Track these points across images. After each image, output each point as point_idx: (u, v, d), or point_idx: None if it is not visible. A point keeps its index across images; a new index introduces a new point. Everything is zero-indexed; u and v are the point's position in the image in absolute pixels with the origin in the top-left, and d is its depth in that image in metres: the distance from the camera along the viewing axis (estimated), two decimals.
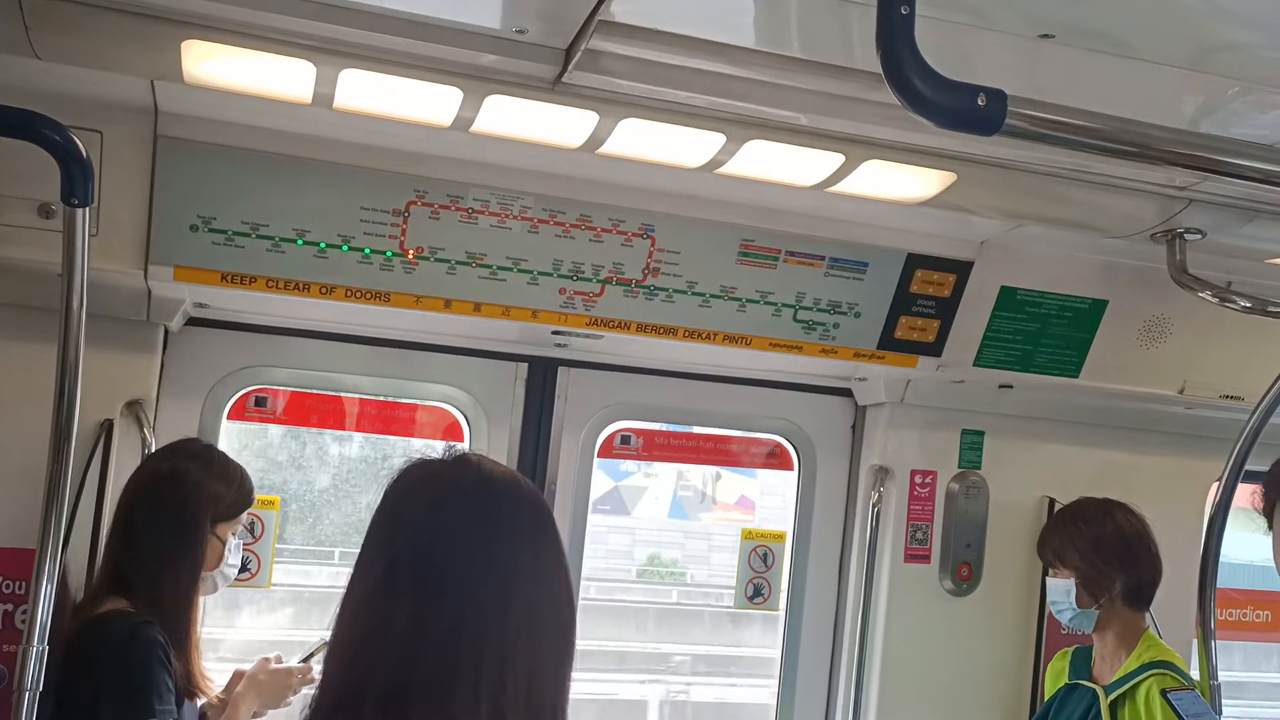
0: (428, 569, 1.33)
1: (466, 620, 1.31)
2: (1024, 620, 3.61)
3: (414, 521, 1.39)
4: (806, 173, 2.56)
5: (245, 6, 1.98)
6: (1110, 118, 1.77)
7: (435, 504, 1.40)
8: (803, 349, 3.16)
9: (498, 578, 1.35)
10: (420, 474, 1.44)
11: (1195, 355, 3.40)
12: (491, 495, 1.41)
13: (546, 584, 1.39)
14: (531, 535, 1.41)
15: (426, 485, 1.43)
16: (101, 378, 2.68)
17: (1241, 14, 1.84)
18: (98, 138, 2.46)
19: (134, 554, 2.53)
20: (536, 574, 1.39)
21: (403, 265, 2.79)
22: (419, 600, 1.31)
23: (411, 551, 1.36)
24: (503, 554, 1.36)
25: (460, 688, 1.29)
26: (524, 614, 1.34)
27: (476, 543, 1.36)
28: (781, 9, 1.92)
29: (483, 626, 1.31)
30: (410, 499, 1.42)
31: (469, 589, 1.33)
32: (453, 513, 1.39)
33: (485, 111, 2.30)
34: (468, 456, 1.47)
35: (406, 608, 1.31)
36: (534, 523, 1.42)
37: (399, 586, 1.33)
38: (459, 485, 1.42)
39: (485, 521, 1.38)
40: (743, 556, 3.67)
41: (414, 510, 1.40)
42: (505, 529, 1.39)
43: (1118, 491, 3.21)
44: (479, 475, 1.43)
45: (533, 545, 1.40)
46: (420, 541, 1.36)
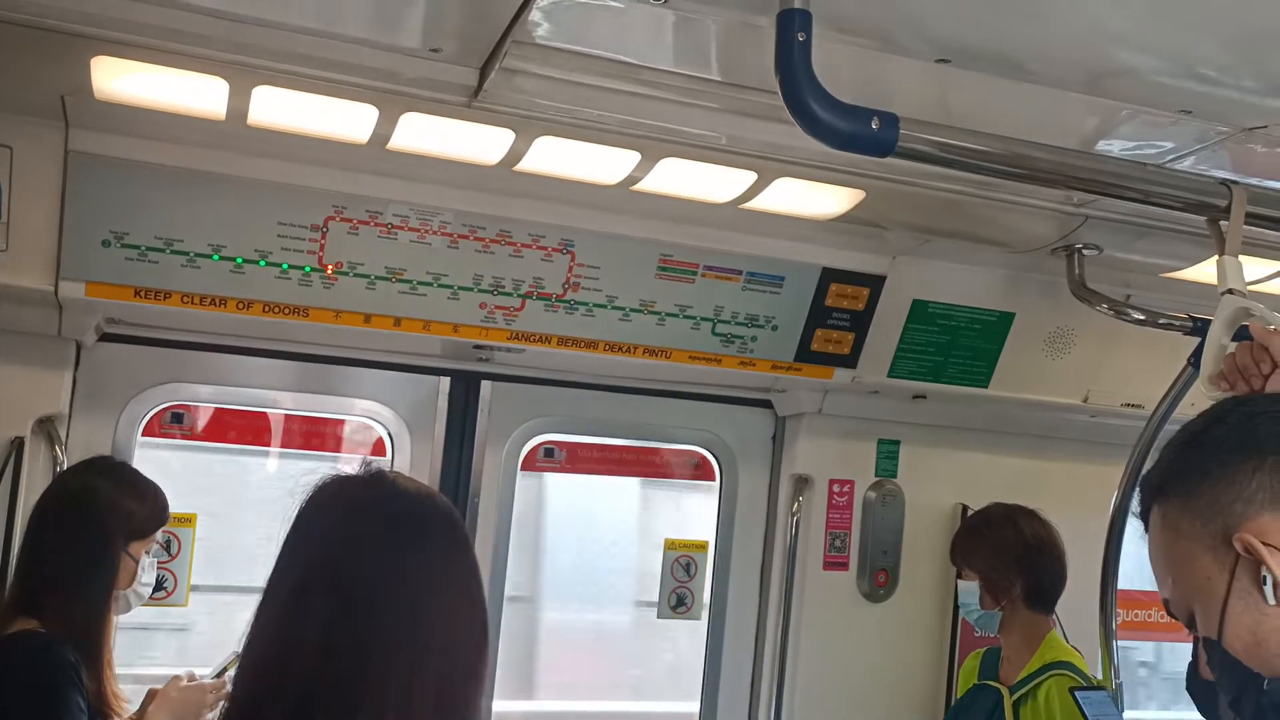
0: (337, 582, 1.36)
1: (375, 632, 1.33)
2: (939, 623, 3.70)
3: (325, 536, 1.41)
4: (721, 189, 2.62)
5: (156, 23, 1.97)
6: (1000, 139, 1.86)
7: (347, 519, 1.42)
8: (722, 361, 3.22)
9: (407, 591, 1.37)
10: (333, 490, 1.46)
11: (1098, 365, 3.52)
12: (403, 510, 1.44)
13: (458, 597, 1.41)
14: (443, 550, 1.43)
15: (339, 501, 1.45)
16: (12, 394, 2.64)
17: (1131, 40, 1.93)
18: (7, 153, 2.42)
19: (44, 573, 2.49)
20: (447, 587, 1.41)
21: (321, 280, 2.78)
22: (329, 613, 1.33)
23: (322, 565, 1.38)
24: (413, 567, 1.38)
25: (367, 699, 1.31)
26: (434, 627, 1.37)
27: (387, 557, 1.38)
28: (692, 31, 1.96)
29: (392, 638, 1.34)
30: (322, 514, 1.44)
31: (378, 602, 1.35)
32: (364, 527, 1.41)
33: (401, 129, 2.32)
34: (383, 473, 1.49)
35: (316, 620, 1.33)
36: (446, 538, 1.45)
37: (309, 599, 1.35)
38: (371, 501, 1.44)
39: (396, 536, 1.40)
40: (665, 566, 3.71)
41: (325, 525, 1.42)
42: (416, 543, 1.41)
43: (1027, 497, 3.31)
44: (392, 491, 1.46)
45: (444, 560, 1.42)
46: (331, 555, 1.39)
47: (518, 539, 3.57)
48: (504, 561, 3.49)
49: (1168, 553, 1.35)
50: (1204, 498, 1.30)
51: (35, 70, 2.20)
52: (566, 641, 4.23)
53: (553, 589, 4.23)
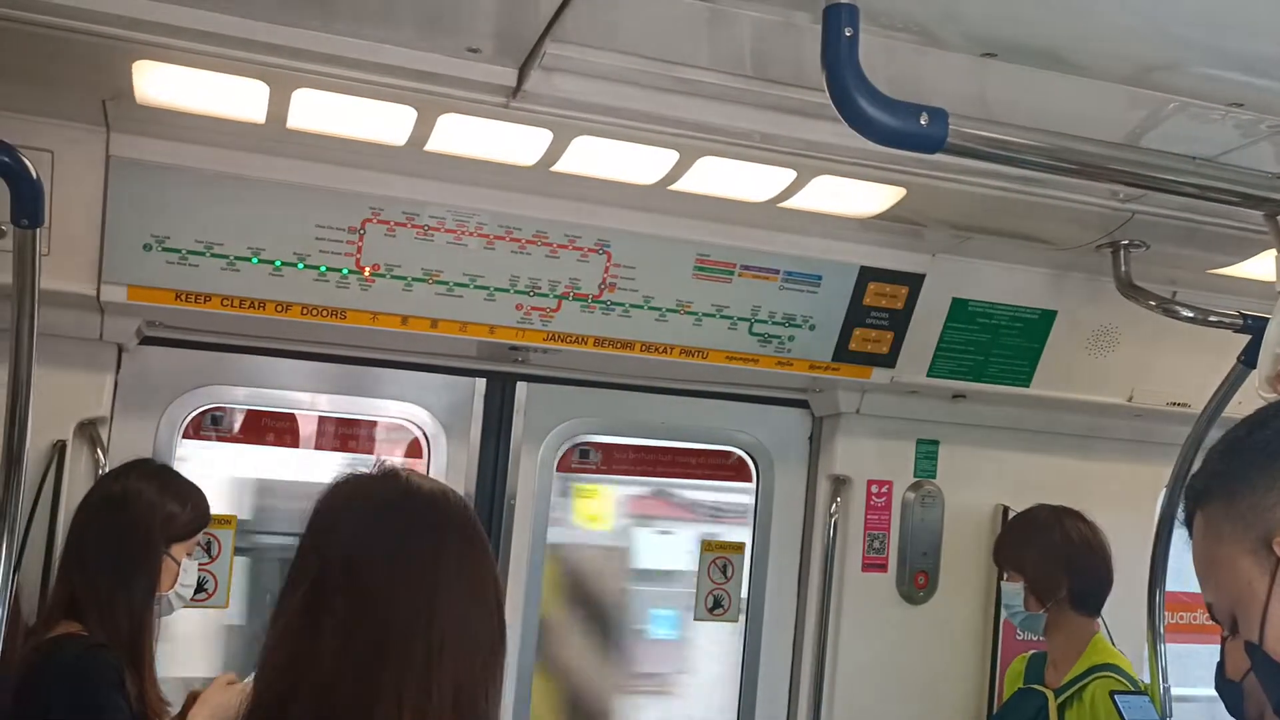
0: (353, 582, 1.38)
1: (391, 631, 1.35)
2: (980, 626, 3.66)
3: (340, 536, 1.43)
4: (759, 188, 2.60)
5: (197, 27, 1.97)
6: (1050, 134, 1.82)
7: (361, 518, 1.44)
8: (759, 361, 3.19)
9: (423, 588, 1.38)
10: (348, 490, 1.48)
11: (1143, 363, 3.47)
12: (417, 508, 1.45)
13: (474, 595, 1.43)
14: (458, 547, 1.44)
15: (354, 501, 1.47)
16: (54, 398, 2.65)
17: (1178, 31, 1.89)
18: (49, 157, 2.44)
19: (87, 577, 2.50)
20: (463, 585, 1.42)
21: (359, 282, 2.79)
22: (345, 611, 1.36)
23: (338, 566, 1.39)
24: (427, 565, 1.40)
25: (384, 697, 1.33)
26: (450, 624, 1.38)
27: (401, 555, 1.40)
28: (732, 28, 1.95)
29: (408, 637, 1.35)
30: (337, 514, 1.46)
31: (394, 601, 1.37)
32: (378, 526, 1.43)
33: (439, 130, 2.31)
34: (396, 471, 1.50)
35: (333, 620, 1.36)
36: (461, 535, 1.46)
37: (326, 600, 1.37)
38: (385, 499, 1.46)
39: (410, 534, 1.42)
40: (702, 567, 3.69)
41: (341, 525, 1.44)
42: (430, 541, 1.42)
43: (1070, 498, 3.26)
44: (405, 489, 1.47)
45: (459, 557, 1.43)
46: (346, 555, 1.40)
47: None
48: (540, 563, 3.49)
49: (1210, 557, 1.38)
50: (1245, 502, 1.31)
51: (77, 76, 2.21)
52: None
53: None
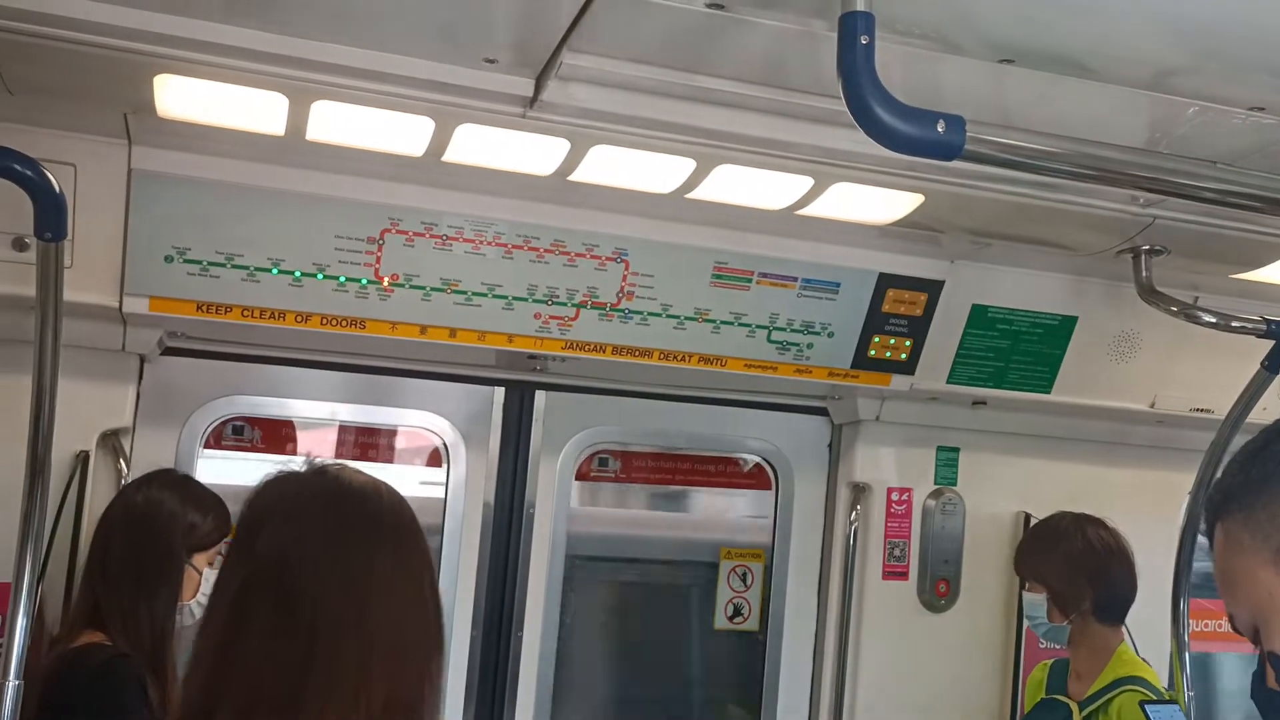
0: (281, 583, 1.34)
1: (321, 634, 1.31)
2: (1002, 635, 3.63)
3: (269, 536, 1.38)
4: (777, 196, 2.59)
5: (218, 40, 1.99)
6: (1069, 140, 1.81)
7: (290, 517, 1.39)
8: (777, 369, 3.19)
9: (354, 589, 1.34)
10: (278, 488, 1.44)
11: (1165, 369, 3.44)
12: (349, 506, 1.41)
13: (409, 596, 1.38)
14: (392, 546, 1.39)
15: (283, 499, 1.42)
16: (77, 409, 2.68)
17: (1198, 35, 1.88)
18: (71, 171, 2.46)
19: (110, 586, 2.52)
20: (398, 586, 1.37)
21: (378, 292, 2.80)
22: (274, 614, 1.32)
23: (267, 566, 1.35)
24: (358, 565, 1.35)
25: (311, 699, 1.29)
26: (383, 627, 1.34)
27: (330, 554, 1.36)
28: (748, 37, 1.94)
29: (338, 640, 1.31)
30: (266, 513, 1.41)
31: (324, 602, 1.33)
32: (307, 525, 1.38)
33: (457, 141, 2.32)
34: (326, 468, 1.46)
35: (261, 622, 1.32)
36: (395, 534, 1.41)
37: (255, 602, 1.34)
38: (314, 497, 1.41)
39: (340, 533, 1.38)
40: (722, 575, 3.68)
41: (269, 524, 1.39)
42: (360, 540, 1.38)
43: (1092, 505, 3.24)
44: (337, 486, 1.42)
45: (393, 557, 1.39)
46: (275, 555, 1.36)
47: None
48: (559, 572, 3.49)
49: (1231, 568, 1.38)
50: (1265, 511, 1.30)
51: (99, 89, 2.23)
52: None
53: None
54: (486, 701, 3.42)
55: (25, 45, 1.98)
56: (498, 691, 3.42)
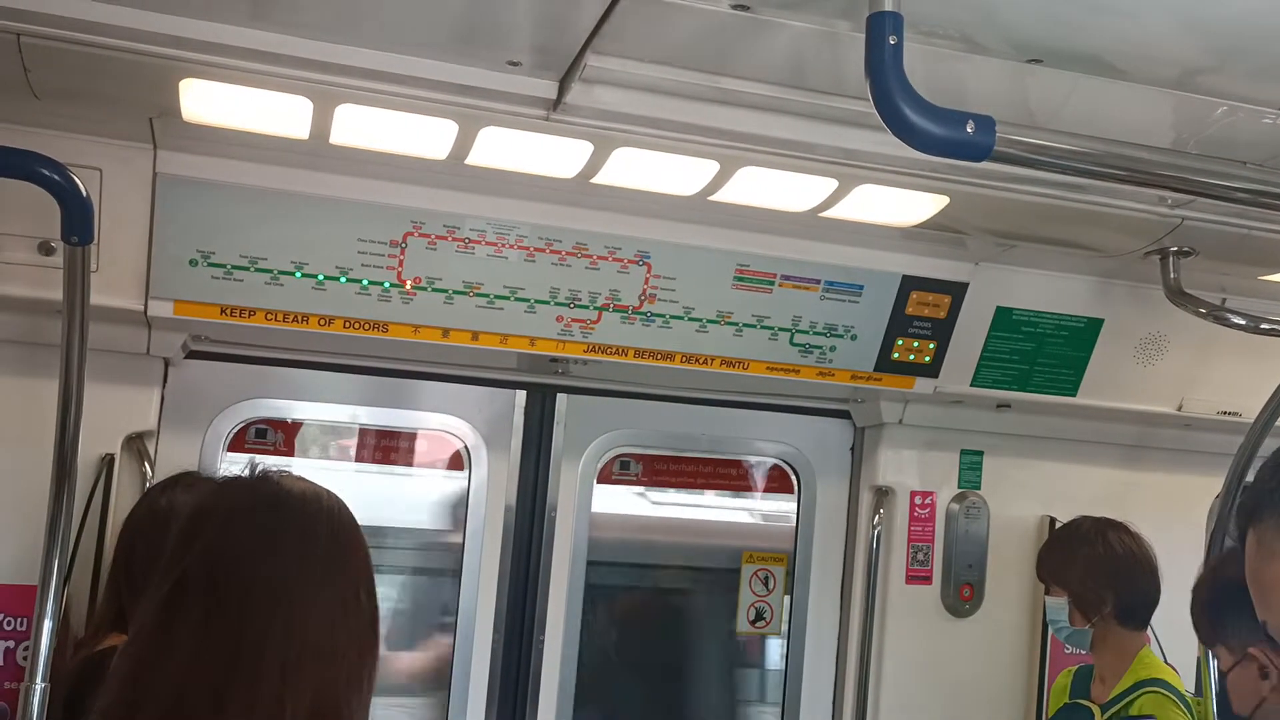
0: (212, 586, 1.35)
1: (246, 634, 1.32)
2: (1027, 640, 3.60)
3: (203, 540, 1.39)
4: (800, 198, 2.58)
5: (243, 44, 2.00)
6: (1098, 141, 1.80)
7: (226, 522, 1.41)
8: (800, 372, 3.17)
9: (283, 594, 1.35)
10: (219, 493, 1.47)
11: (1192, 372, 3.41)
12: (284, 512, 1.42)
13: (340, 602, 1.39)
14: (324, 553, 1.41)
15: (222, 504, 1.44)
16: (102, 412, 2.68)
17: (1226, 34, 1.86)
18: (97, 175, 2.47)
19: (134, 589, 2.52)
20: (328, 592, 1.39)
21: (400, 296, 2.80)
22: (200, 618, 1.33)
23: (199, 569, 1.36)
24: (289, 573, 1.37)
25: (235, 701, 1.30)
26: (310, 632, 1.35)
27: (261, 561, 1.37)
28: (772, 38, 1.94)
29: (263, 641, 1.32)
30: (205, 517, 1.42)
31: (250, 607, 1.34)
32: (241, 530, 1.40)
33: (480, 144, 2.32)
34: (268, 474, 1.47)
35: (187, 626, 1.33)
36: (329, 540, 1.42)
37: (184, 603, 1.35)
38: (252, 503, 1.43)
39: (273, 540, 1.39)
40: (744, 580, 3.67)
41: (206, 528, 1.40)
42: (293, 547, 1.39)
43: (1117, 509, 3.21)
44: (274, 492, 1.44)
45: (325, 563, 1.40)
46: (208, 559, 1.37)
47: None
48: (581, 575, 3.48)
49: (1263, 575, 1.37)
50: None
51: (125, 94, 2.24)
52: None
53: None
54: (508, 705, 3.41)
55: (51, 50, 2.00)
56: (519, 695, 3.42)
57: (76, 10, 1.90)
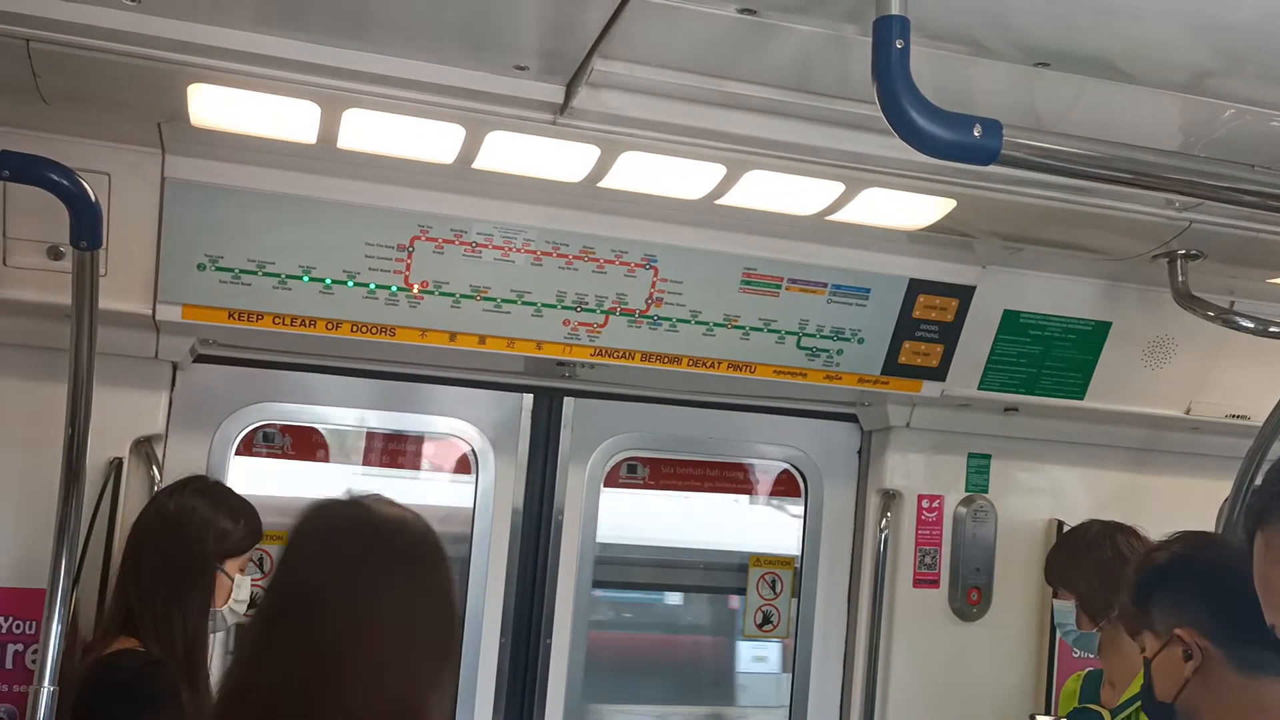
0: (305, 605, 1.53)
1: (333, 652, 1.49)
2: (1036, 644, 3.59)
3: (300, 559, 1.59)
4: (807, 202, 2.58)
5: (251, 49, 2.00)
6: (1106, 144, 1.80)
7: (320, 544, 1.60)
8: (807, 375, 3.17)
9: (366, 613, 1.52)
10: (314, 515, 1.64)
11: (1201, 375, 3.40)
12: (372, 536, 1.59)
13: (422, 618, 1.56)
14: (407, 573, 1.57)
15: (318, 527, 1.63)
16: (111, 416, 2.70)
17: (1235, 37, 1.86)
18: (106, 180, 2.48)
19: (143, 593, 2.53)
20: (410, 609, 1.55)
21: (408, 300, 2.81)
22: (294, 631, 1.51)
23: (297, 585, 1.56)
24: (374, 590, 1.54)
25: (318, 701, 1.47)
26: (391, 647, 1.52)
27: (348, 582, 1.54)
28: (779, 42, 1.94)
29: (348, 658, 1.49)
30: (304, 538, 1.62)
31: (339, 623, 1.51)
32: (333, 552, 1.58)
33: (487, 148, 2.32)
34: (361, 499, 1.65)
35: (284, 638, 1.52)
36: (412, 561, 1.59)
37: (282, 618, 1.54)
38: (343, 527, 1.61)
39: (361, 561, 1.55)
40: (751, 583, 3.66)
41: (304, 550, 1.60)
42: (380, 567, 1.55)
43: (1126, 513, 3.19)
44: (364, 516, 1.61)
45: (407, 582, 1.57)
46: (305, 576, 1.56)
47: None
48: (588, 579, 3.48)
49: (1272, 578, 1.37)
50: None
51: (134, 99, 2.25)
52: None
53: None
54: (515, 708, 3.41)
55: (61, 56, 2.01)
56: (526, 698, 3.42)
57: (85, 16, 1.91)
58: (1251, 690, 1.96)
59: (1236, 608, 2.03)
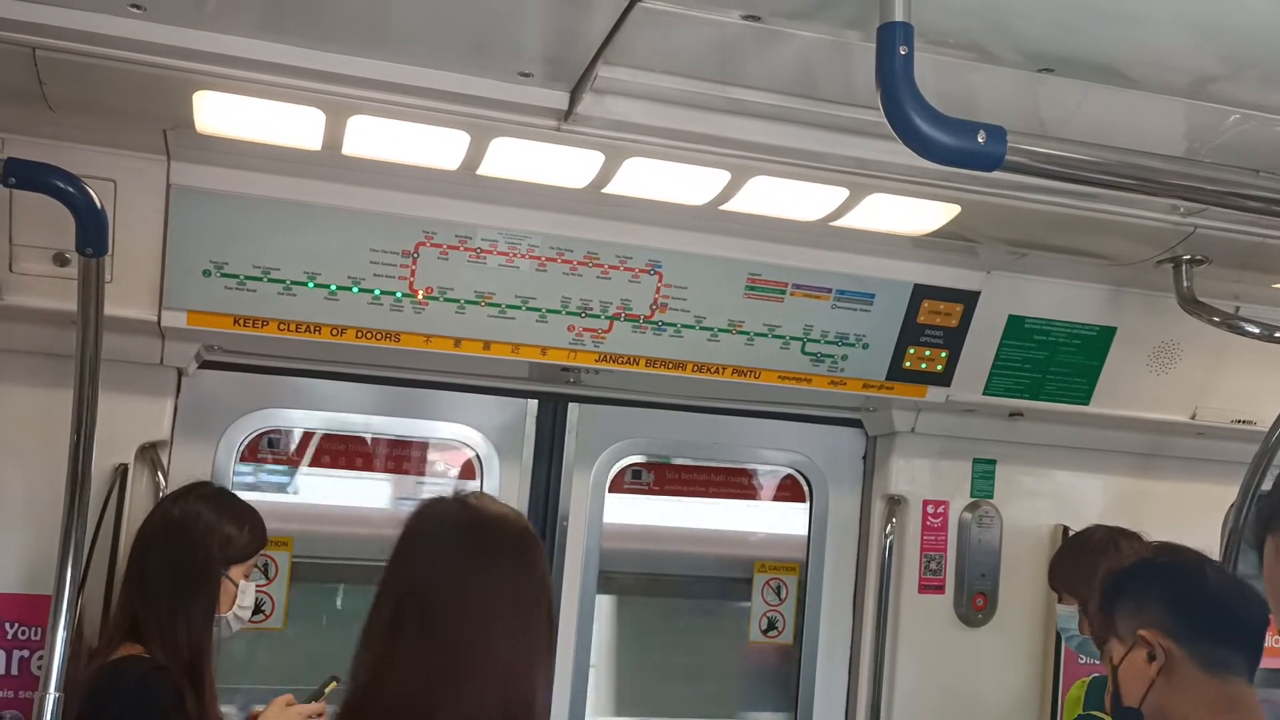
0: (427, 606, 1.61)
1: (450, 646, 1.59)
2: (1041, 650, 3.59)
3: (415, 562, 1.67)
4: (811, 207, 2.58)
5: (256, 57, 2.01)
6: (1111, 149, 1.79)
7: (433, 546, 1.68)
8: (811, 381, 3.17)
9: (478, 612, 1.61)
10: (427, 515, 1.73)
11: (1206, 380, 3.39)
12: (478, 537, 1.68)
13: (524, 613, 1.65)
14: (512, 569, 1.66)
15: (428, 528, 1.71)
16: (116, 422, 2.70)
17: (1238, 42, 1.85)
18: (111, 186, 2.49)
19: (148, 599, 2.54)
20: (515, 606, 1.64)
21: (412, 306, 2.81)
22: (417, 631, 1.60)
23: (415, 589, 1.64)
24: (485, 588, 1.63)
25: (446, 703, 1.57)
26: (502, 635, 1.61)
27: (462, 579, 1.63)
28: (783, 48, 1.94)
29: (465, 657, 1.59)
30: (417, 540, 1.69)
31: (455, 618, 1.61)
32: (444, 555, 1.66)
33: (492, 154, 2.33)
34: (466, 498, 1.74)
35: (407, 637, 1.60)
36: (514, 558, 1.68)
37: (403, 618, 1.62)
38: (452, 528, 1.69)
39: (470, 563, 1.65)
40: (756, 589, 3.66)
41: (419, 552, 1.68)
42: (488, 565, 1.65)
43: (1131, 518, 3.20)
44: (471, 517, 1.70)
45: (513, 578, 1.66)
46: (420, 581, 1.64)
47: None
48: (593, 584, 3.48)
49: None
50: None
51: (139, 106, 2.26)
52: None
53: None
54: None
55: (66, 64, 2.01)
56: None
57: (91, 24, 1.92)
58: (1216, 688, 2.01)
59: (1197, 607, 2.06)
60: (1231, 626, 2.05)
